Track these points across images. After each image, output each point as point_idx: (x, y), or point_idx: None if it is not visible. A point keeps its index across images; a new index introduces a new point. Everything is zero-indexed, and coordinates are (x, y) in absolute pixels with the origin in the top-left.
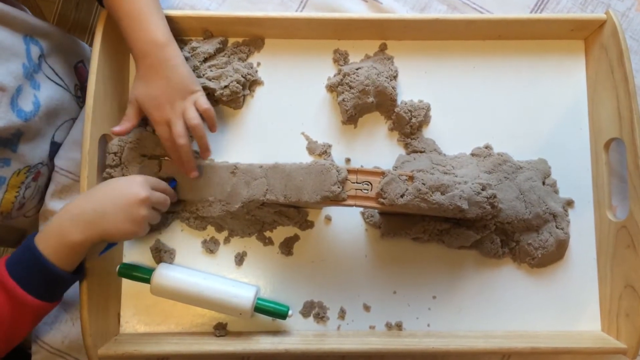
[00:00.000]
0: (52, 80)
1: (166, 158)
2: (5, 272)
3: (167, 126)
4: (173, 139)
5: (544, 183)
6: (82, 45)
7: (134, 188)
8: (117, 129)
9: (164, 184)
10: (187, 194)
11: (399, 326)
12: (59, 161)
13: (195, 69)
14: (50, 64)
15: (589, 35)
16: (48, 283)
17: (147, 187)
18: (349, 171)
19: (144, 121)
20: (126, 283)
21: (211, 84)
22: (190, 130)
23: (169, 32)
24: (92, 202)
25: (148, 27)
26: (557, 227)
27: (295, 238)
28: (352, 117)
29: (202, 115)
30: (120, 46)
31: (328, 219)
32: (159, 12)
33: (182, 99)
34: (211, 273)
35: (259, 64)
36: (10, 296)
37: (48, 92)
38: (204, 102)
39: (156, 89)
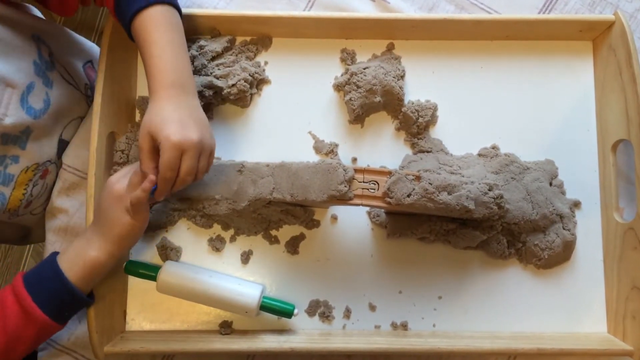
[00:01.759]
0: (64, 79)
1: None
2: (20, 283)
3: (179, 155)
4: (176, 170)
5: (551, 184)
6: (90, 45)
7: (108, 187)
8: (152, 196)
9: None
10: (194, 192)
11: (404, 326)
12: (66, 159)
13: (202, 67)
14: (61, 63)
15: (597, 36)
16: (61, 301)
17: (117, 178)
18: (356, 170)
19: None
20: (132, 280)
21: (219, 83)
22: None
23: None
24: (94, 220)
25: (179, 61)
26: (563, 228)
27: (301, 237)
28: (359, 116)
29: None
30: (128, 45)
31: (334, 218)
32: (186, 51)
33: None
34: (217, 271)
35: (266, 62)
36: (21, 306)
37: (60, 90)
38: (212, 162)
39: (179, 115)
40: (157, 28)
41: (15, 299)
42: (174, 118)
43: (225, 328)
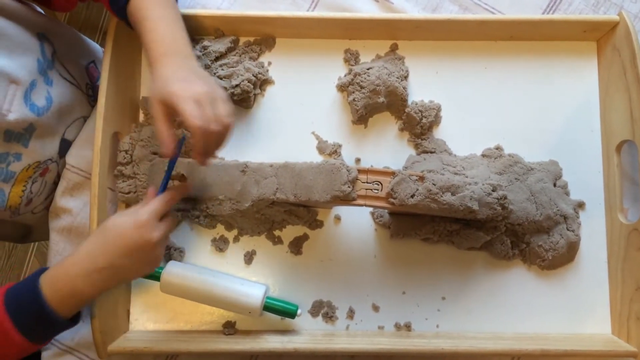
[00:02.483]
0: (64, 78)
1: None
2: (1, 304)
3: (197, 105)
4: (202, 118)
5: (555, 185)
6: (93, 46)
7: (145, 235)
8: (163, 152)
9: (167, 196)
10: (197, 192)
11: (407, 327)
12: (70, 159)
13: (206, 67)
14: (62, 62)
15: (601, 36)
16: (43, 328)
17: (155, 224)
18: (359, 171)
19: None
20: (136, 280)
21: (222, 83)
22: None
23: None
24: (106, 257)
25: (174, 33)
26: (567, 229)
27: (305, 237)
28: (362, 117)
29: None
30: (132, 44)
31: (337, 218)
32: (181, 25)
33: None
34: (220, 271)
35: (270, 63)
36: (1, 327)
37: (60, 89)
38: (232, 113)
39: (183, 72)
40: (149, 6)
41: None
42: (177, 77)
43: (229, 328)
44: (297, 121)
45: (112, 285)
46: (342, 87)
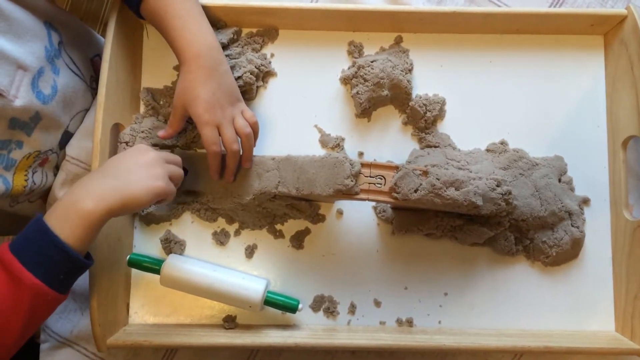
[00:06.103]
0: (69, 69)
1: (177, 148)
2: (6, 247)
3: (216, 129)
4: (218, 143)
5: (560, 180)
6: (99, 38)
7: (142, 149)
8: (161, 133)
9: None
10: (199, 185)
11: (409, 322)
12: (70, 150)
13: None
14: (68, 53)
15: (608, 30)
16: (53, 261)
17: (154, 150)
18: (362, 165)
19: (154, 110)
20: (136, 273)
21: None
22: (240, 138)
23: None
24: (103, 171)
25: (202, 29)
26: (572, 226)
27: (307, 231)
28: (366, 110)
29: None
30: (133, 35)
31: (340, 213)
32: (205, 16)
33: (231, 105)
34: (221, 265)
35: (272, 55)
36: (8, 272)
37: (66, 79)
38: (252, 115)
39: (207, 91)
40: (175, 1)
41: (0, 266)
42: (203, 96)
43: (229, 322)
44: (299, 114)
45: (115, 202)
46: (345, 80)
